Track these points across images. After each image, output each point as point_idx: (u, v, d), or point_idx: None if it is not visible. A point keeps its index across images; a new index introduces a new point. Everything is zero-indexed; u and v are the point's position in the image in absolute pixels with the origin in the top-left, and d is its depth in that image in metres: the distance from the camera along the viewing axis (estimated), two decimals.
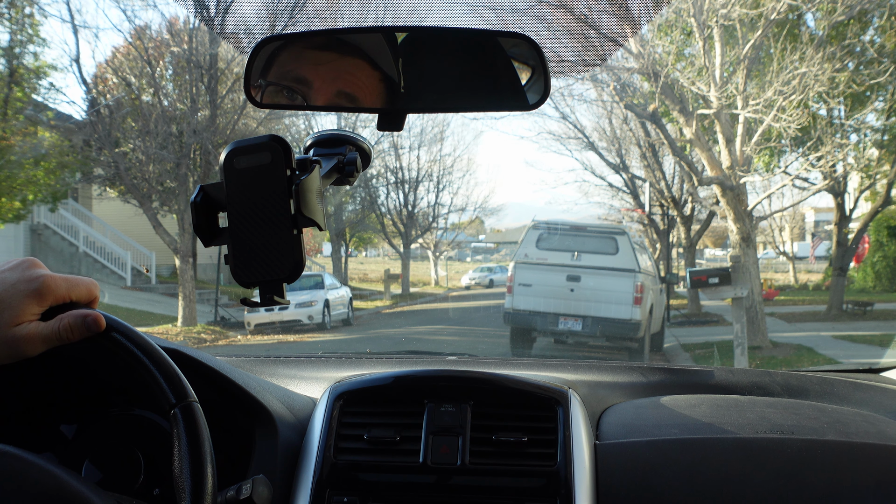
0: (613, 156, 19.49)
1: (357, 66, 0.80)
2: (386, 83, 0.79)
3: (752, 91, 10.02)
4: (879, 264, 18.55)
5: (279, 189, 0.71)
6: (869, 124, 13.35)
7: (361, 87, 0.79)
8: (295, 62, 0.80)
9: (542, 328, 10.17)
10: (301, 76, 0.79)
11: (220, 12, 12.63)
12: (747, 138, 10.21)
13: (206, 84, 12.68)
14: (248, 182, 0.73)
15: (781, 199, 19.75)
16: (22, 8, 11.53)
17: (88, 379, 1.18)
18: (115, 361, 1.07)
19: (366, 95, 0.79)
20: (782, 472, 1.20)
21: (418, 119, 22.82)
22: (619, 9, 9.94)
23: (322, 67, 0.80)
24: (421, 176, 24.77)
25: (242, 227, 0.74)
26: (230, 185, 0.75)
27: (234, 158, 0.74)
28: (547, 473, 1.22)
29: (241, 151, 0.73)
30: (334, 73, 0.80)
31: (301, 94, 0.78)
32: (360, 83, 0.79)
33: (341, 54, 0.81)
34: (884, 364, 1.82)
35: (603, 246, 10.23)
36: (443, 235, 28.35)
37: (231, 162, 0.75)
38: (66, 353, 1.17)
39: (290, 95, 0.80)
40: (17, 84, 11.25)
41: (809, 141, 11.15)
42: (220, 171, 0.76)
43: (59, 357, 1.17)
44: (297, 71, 0.80)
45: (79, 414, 1.21)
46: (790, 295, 19.78)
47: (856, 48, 11.42)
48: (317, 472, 1.23)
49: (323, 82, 0.79)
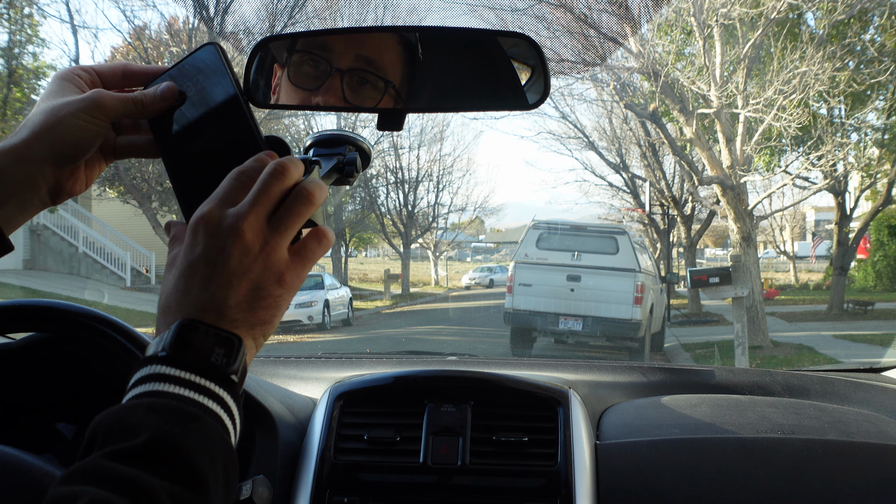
0: (613, 155, 19.51)
1: (376, 31, 0.83)
2: (405, 47, 0.80)
3: (753, 90, 10.02)
4: (880, 264, 18.55)
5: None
6: (869, 123, 13.36)
7: (380, 50, 0.79)
8: (314, 36, 0.83)
9: (542, 328, 10.18)
10: (323, 41, 0.80)
11: (220, 12, 12.66)
12: (748, 137, 10.21)
13: None
14: None
15: (782, 199, 19.76)
16: (21, 8, 11.54)
17: (88, 380, 1.18)
18: (114, 361, 1.07)
19: (385, 60, 0.80)
20: (783, 471, 1.20)
21: (418, 119, 22.83)
22: (619, 8, 9.94)
23: (341, 35, 0.82)
24: (421, 176, 24.78)
25: None
26: None
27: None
28: (547, 473, 1.22)
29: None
30: (353, 37, 0.81)
31: (325, 59, 0.78)
32: (379, 45, 0.80)
33: (344, 33, 0.84)
34: (885, 364, 1.82)
35: (603, 245, 10.23)
36: (443, 235, 28.36)
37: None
38: (66, 351, 1.17)
39: (314, 63, 0.80)
40: (16, 84, 11.26)
41: (810, 140, 11.15)
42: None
43: (58, 357, 1.17)
44: (318, 39, 0.81)
45: (79, 415, 1.21)
46: (791, 294, 19.78)
47: (856, 47, 11.42)
48: (317, 472, 1.23)
49: (345, 46, 0.79)
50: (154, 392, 0.56)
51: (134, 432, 0.53)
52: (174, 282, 0.61)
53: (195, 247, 0.60)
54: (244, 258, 0.60)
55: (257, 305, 0.61)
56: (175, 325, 0.58)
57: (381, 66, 0.79)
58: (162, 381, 0.57)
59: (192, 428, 0.54)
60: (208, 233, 0.60)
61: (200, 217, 0.61)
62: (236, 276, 0.60)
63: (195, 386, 0.57)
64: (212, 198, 0.62)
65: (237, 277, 0.60)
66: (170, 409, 0.55)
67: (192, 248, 0.61)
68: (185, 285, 0.60)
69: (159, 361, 0.57)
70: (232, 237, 0.60)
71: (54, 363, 1.16)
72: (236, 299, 0.60)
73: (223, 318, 0.59)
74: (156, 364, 0.57)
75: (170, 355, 0.57)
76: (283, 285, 0.62)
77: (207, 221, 0.60)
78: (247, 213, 0.60)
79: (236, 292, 0.60)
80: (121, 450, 0.52)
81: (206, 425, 0.55)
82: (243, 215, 0.60)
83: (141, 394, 0.57)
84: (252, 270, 0.60)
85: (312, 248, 0.64)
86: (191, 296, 0.60)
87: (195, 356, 0.57)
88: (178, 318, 0.59)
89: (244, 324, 0.60)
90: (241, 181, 0.62)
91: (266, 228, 0.61)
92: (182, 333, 0.58)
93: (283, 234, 0.62)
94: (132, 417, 0.54)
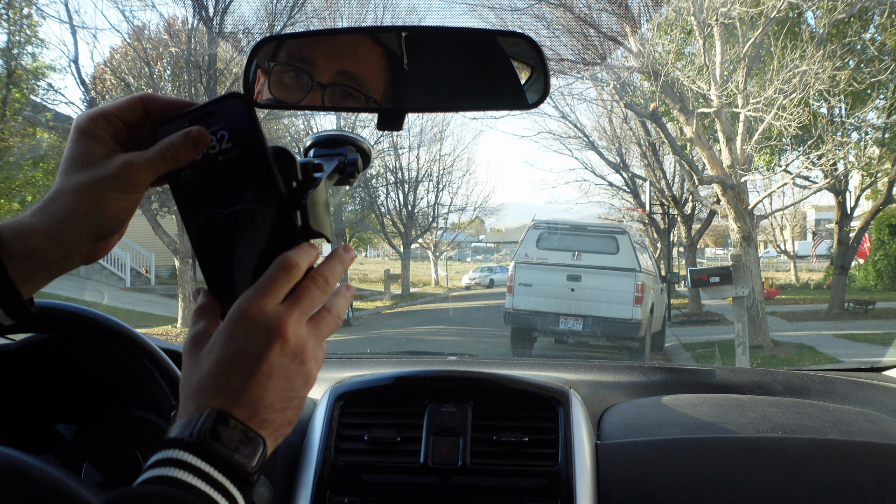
0: (613, 155, 19.51)
1: (359, 42, 0.82)
2: (389, 59, 0.79)
3: (753, 89, 10.01)
4: (881, 263, 18.55)
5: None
6: (870, 122, 13.36)
7: (362, 65, 0.79)
8: (299, 44, 0.82)
9: (542, 328, 10.17)
10: (305, 55, 0.80)
11: (219, 12, 12.67)
12: (748, 137, 10.20)
13: (204, 84, 12.67)
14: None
15: (782, 198, 19.79)
16: (20, 9, 11.53)
17: (88, 380, 1.18)
18: (114, 363, 1.07)
19: (366, 72, 0.80)
20: (784, 471, 1.20)
21: (418, 119, 22.84)
22: (619, 8, 9.96)
23: (325, 45, 0.82)
24: (421, 176, 24.78)
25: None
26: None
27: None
28: (548, 473, 1.22)
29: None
30: (336, 50, 0.81)
31: (306, 72, 0.78)
32: (362, 59, 0.80)
33: (345, 33, 0.85)
34: (885, 363, 1.82)
35: (603, 245, 10.23)
36: (443, 235, 28.36)
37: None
38: (66, 352, 1.17)
39: (296, 75, 0.79)
40: (15, 85, 11.25)
41: (810, 139, 11.14)
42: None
43: (58, 357, 1.17)
44: (301, 51, 0.81)
45: (78, 416, 1.21)
46: (791, 294, 19.78)
47: (856, 46, 11.42)
48: (317, 472, 1.23)
49: (327, 60, 0.79)
50: (173, 479, 0.55)
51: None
52: (210, 367, 0.60)
53: (235, 339, 0.60)
54: (282, 359, 0.60)
55: (286, 406, 0.61)
56: (208, 412, 0.58)
57: (363, 80, 0.79)
58: (184, 470, 0.56)
59: None
60: (250, 329, 0.60)
61: (244, 311, 0.60)
62: (274, 376, 0.60)
63: (214, 483, 0.56)
64: (257, 289, 0.61)
65: (275, 377, 0.60)
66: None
67: (232, 339, 0.60)
68: (223, 374, 0.60)
69: (185, 448, 0.57)
70: (274, 337, 0.60)
71: (54, 363, 1.16)
72: (270, 399, 0.60)
73: (254, 418, 0.59)
74: (181, 451, 0.57)
75: (197, 444, 0.57)
76: (308, 386, 0.63)
77: (251, 317, 0.60)
78: (290, 315, 0.61)
79: (272, 392, 0.60)
80: None
81: None
82: (288, 317, 0.60)
83: (159, 477, 0.56)
84: (289, 372, 0.61)
85: (319, 359, 0.65)
86: (227, 387, 0.59)
87: (221, 451, 0.57)
88: (213, 406, 0.58)
89: (272, 424, 0.60)
90: (288, 274, 0.61)
91: (305, 331, 0.62)
92: (215, 424, 0.57)
93: (318, 338, 0.63)
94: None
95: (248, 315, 0.60)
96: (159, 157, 0.63)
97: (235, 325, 0.60)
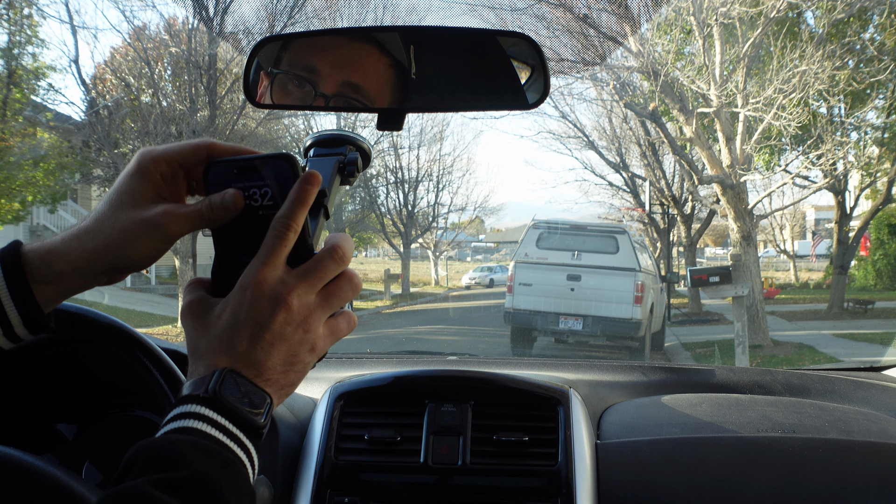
0: (613, 155, 19.50)
1: (365, 52, 0.81)
2: (396, 69, 0.79)
3: (752, 89, 10.01)
4: (880, 262, 18.55)
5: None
6: (869, 122, 13.36)
7: (368, 76, 0.79)
8: (303, 51, 0.82)
9: (542, 328, 10.17)
10: (310, 64, 0.80)
11: (220, 12, 12.65)
12: (747, 136, 10.20)
13: (205, 84, 12.67)
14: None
15: (782, 198, 19.77)
16: (20, 9, 11.53)
17: (88, 380, 1.18)
18: (115, 362, 1.07)
19: (371, 84, 0.80)
20: (784, 470, 1.20)
21: (418, 119, 22.83)
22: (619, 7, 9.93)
23: (330, 54, 0.81)
24: (421, 175, 24.77)
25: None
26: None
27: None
28: (548, 473, 1.22)
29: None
30: (341, 61, 0.80)
31: (310, 82, 0.79)
32: (367, 71, 0.79)
33: (350, 39, 0.83)
34: (885, 362, 1.82)
35: (603, 245, 10.23)
36: (443, 235, 28.35)
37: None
38: (67, 352, 1.17)
39: (299, 84, 0.79)
40: (15, 85, 11.24)
41: (810, 139, 11.14)
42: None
43: (58, 357, 1.17)
44: (305, 59, 0.81)
45: (79, 415, 1.21)
46: (791, 293, 19.78)
47: (856, 46, 11.42)
48: (317, 472, 1.23)
49: (331, 70, 0.79)
50: (192, 429, 0.59)
51: (176, 466, 0.56)
52: (219, 332, 0.64)
53: (242, 306, 0.64)
54: (286, 326, 0.64)
55: (290, 369, 0.65)
56: (220, 371, 0.62)
57: (368, 91, 0.80)
58: (201, 421, 0.60)
59: (230, 474, 0.58)
60: (256, 296, 0.63)
61: (251, 280, 0.64)
62: (277, 342, 0.64)
63: (230, 434, 0.60)
64: (267, 259, 0.64)
65: (278, 343, 0.64)
66: (211, 452, 0.58)
67: (239, 306, 0.64)
68: (230, 338, 0.63)
69: (201, 402, 0.60)
70: (279, 306, 0.63)
71: (55, 363, 1.16)
72: (274, 362, 0.64)
73: (260, 377, 0.63)
74: (196, 404, 0.60)
75: (212, 399, 0.60)
76: (314, 353, 0.66)
77: (257, 285, 0.64)
78: (297, 285, 0.64)
79: (275, 355, 0.64)
80: (163, 479, 0.55)
81: (240, 474, 0.59)
82: (294, 287, 0.64)
83: (179, 429, 0.59)
84: (292, 338, 0.64)
85: (342, 328, 0.69)
86: (235, 350, 0.63)
87: (234, 406, 0.61)
88: (223, 366, 0.62)
89: (275, 384, 0.64)
90: (284, 239, 0.65)
91: (312, 302, 0.65)
92: (226, 381, 0.61)
93: (325, 310, 0.66)
94: (175, 451, 0.57)
95: (254, 283, 0.63)
96: (197, 214, 0.67)
97: (243, 293, 0.64)
